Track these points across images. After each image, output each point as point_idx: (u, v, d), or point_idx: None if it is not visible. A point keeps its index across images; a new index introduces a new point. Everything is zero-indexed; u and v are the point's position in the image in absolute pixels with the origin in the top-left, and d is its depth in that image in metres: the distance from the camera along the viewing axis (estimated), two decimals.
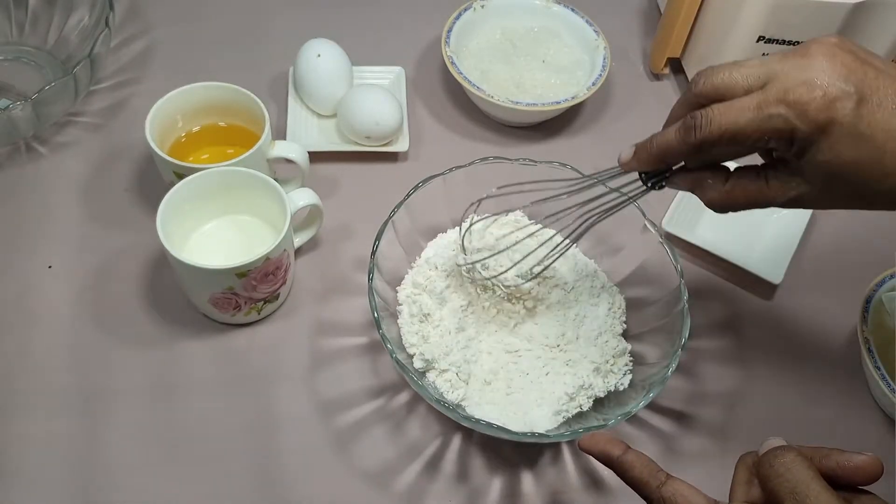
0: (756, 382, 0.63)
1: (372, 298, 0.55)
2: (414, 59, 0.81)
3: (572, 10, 0.79)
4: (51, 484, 0.55)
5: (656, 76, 0.82)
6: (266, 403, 0.59)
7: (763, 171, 0.45)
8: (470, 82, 0.72)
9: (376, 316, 0.54)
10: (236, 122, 0.67)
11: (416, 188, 0.60)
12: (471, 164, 0.62)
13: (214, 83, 0.65)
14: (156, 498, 0.55)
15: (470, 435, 0.59)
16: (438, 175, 0.61)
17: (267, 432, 0.58)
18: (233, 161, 0.61)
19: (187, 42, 0.80)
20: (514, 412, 0.56)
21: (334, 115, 0.73)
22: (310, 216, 0.64)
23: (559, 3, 0.80)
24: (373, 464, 0.57)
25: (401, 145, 0.72)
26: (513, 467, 0.58)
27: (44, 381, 0.59)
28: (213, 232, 0.62)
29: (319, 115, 0.74)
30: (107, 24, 0.69)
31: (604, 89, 0.78)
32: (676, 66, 0.82)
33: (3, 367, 0.59)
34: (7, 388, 0.58)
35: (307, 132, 0.73)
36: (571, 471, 0.58)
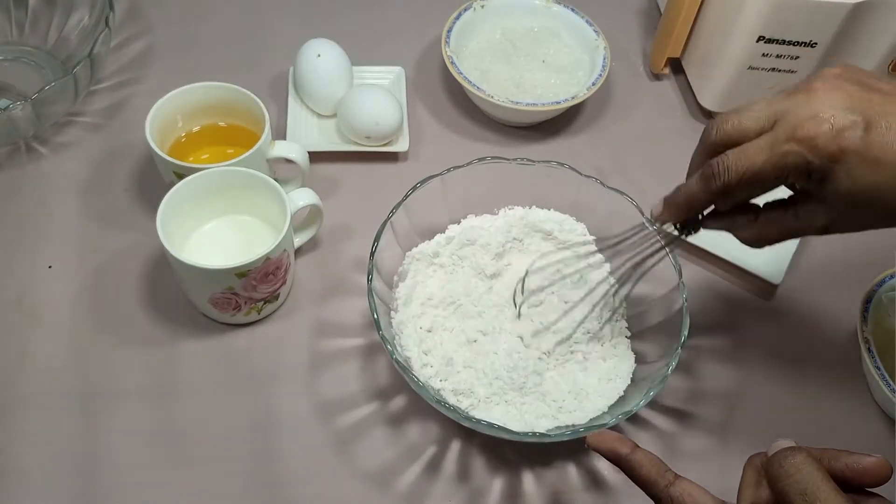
0: (756, 382, 0.63)
1: (371, 300, 0.55)
2: (414, 59, 0.81)
3: (572, 10, 0.79)
4: (51, 484, 0.55)
5: (656, 76, 0.82)
6: (266, 403, 0.59)
7: (791, 204, 0.47)
8: (470, 82, 0.72)
9: (376, 317, 0.54)
10: (236, 122, 0.67)
11: (414, 189, 0.60)
12: (469, 164, 0.62)
13: (214, 83, 0.65)
14: (156, 498, 0.55)
15: (470, 435, 0.59)
16: (437, 175, 0.61)
17: (267, 432, 0.58)
18: (233, 161, 0.61)
19: (187, 42, 0.80)
20: (514, 412, 0.56)
21: (334, 115, 0.73)
22: (310, 216, 0.64)
23: (559, 3, 0.80)
24: (373, 464, 0.57)
25: (401, 145, 0.72)
26: (514, 467, 0.58)
27: (44, 381, 0.59)
28: (213, 232, 0.62)
29: (319, 115, 0.74)
30: (107, 24, 0.69)
31: (604, 89, 0.78)
32: (676, 66, 0.82)
33: (3, 367, 0.59)
34: (7, 388, 0.58)
35: (307, 132, 0.73)
36: (572, 471, 0.58)
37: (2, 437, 0.56)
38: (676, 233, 0.52)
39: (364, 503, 0.56)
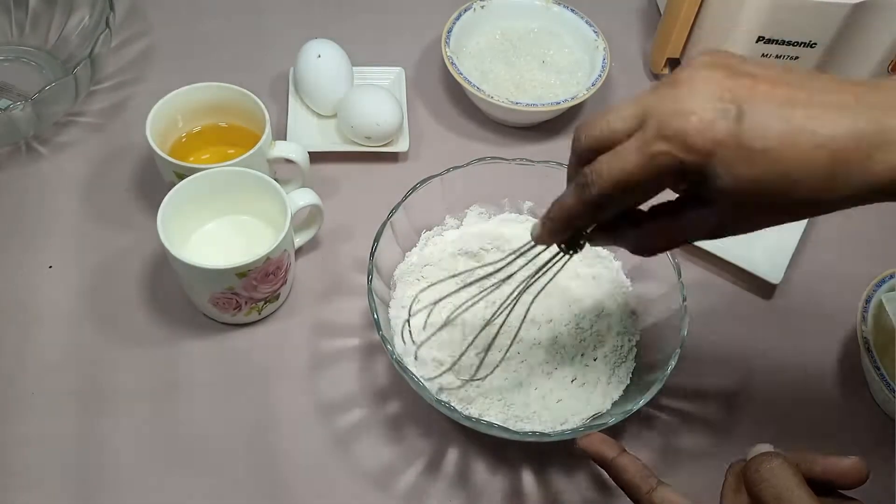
0: (756, 382, 0.63)
1: (371, 300, 0.55)
2: (414, 59, 0.81)
3: (572, 10, 0.79)
4: (51, 484, 0.55)
5: (656, 76, 0.82)
6: (266, 403, 0.59)
7: (678, 208, 0.43)
8: (470, 83, 0.72)
9: (376, 318, 0.54)
10: (237, 123, 0.67)
11: (413, 189, 0.60)
12: (468, 164, 0.62)
13: (215, 83, 0.65)
14: (156, 497, 0.55)
15: (470, 435, 0.59)
16: (436, 176, 0.61)
17: (267, 432, 0.58)
18: (233, 161, 0.61)
19: (188, 42, 0.80)
20: (515, 411, 0.56)
21: (335, 116, 0.73)
22: (310, 216, 0.64)
23: (559, 4, 0.80)
24: (373, 464, 0.57)
25: (401, 145, 0.72)
26: (514, 467, 0.58)
27: (44, 381, 0.59)
28: (213, 232, 0.62)
29: (320, 116, 0.74)
30: (107, 25, 0.70)
31: (603, 90, 0.78)
32: (676, 67, 0.82)
33: (3, 367, 0.59)
34: (7, 388, 0.58)
35: (307, 132, 0.73)
36: (574, 470, 0.58)
37: (2, 437, 0.56)
38: (561, 253, 0.48)
39: (364, 503, 0.56)
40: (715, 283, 0.68)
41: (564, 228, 0.45)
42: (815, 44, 0.70)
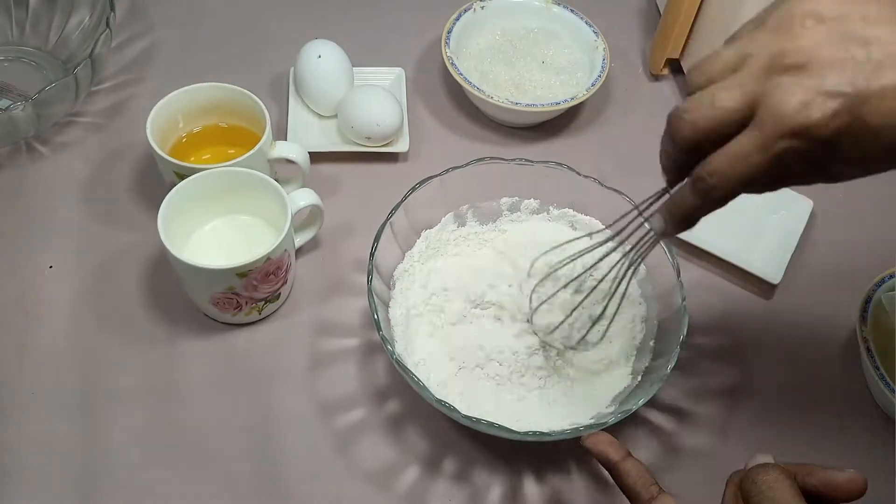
0: (756, 382, 0.63)
1: (371, 300, 0.55)
2: (414, 59, 0.81)
3: (572, 10, 0.79)
4: (51, 484, 0.55)
5: (655, 77, 0.82)
6: (266, 403, 0.59)
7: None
8: (470, 83, 0.72)
9: (376, 318, 0.54)
10: (237, 123, 0.67)
11: (413, 190, 0.60)
12: (467, 164, 0.62)
13: (215, 84, 0.65)
14: (155, 497, 0.55)
15: (471, 435, 0.59)
16: (436, 176, 0.61)
17: (267, 432, 0.58)
18: (234, 161, 0.61)
19: (188, 42, 0.80)
20: (514, 410, 0.56)
21: (335, 116, 0.73)
22: (310, 216, 0.64)
23: (559, 4, 0.80)
24: (373, 464, 0.57)
25: (401, 146, 0.72)
26: (514, 467, 0.58)
27: (44, 381, 0.59)
28: (213, 232, 0.62)
29: (320, 116, 0.74)
30: (107, 25, 0.70)
31: (603, 90, 0.78)
32: (676, 67, 0.82)
33: (3, 367, 0.59)
34: (7, 388, 0.58)
35: (308, 133, 0.73)
36: (574, 470, 0.58)
37: (2, 437, 0.56)
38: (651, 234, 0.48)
39: (364, 502, 0.56)
40: (715, 283, 0.68)
41: (688, 224, 0.44)
42: None
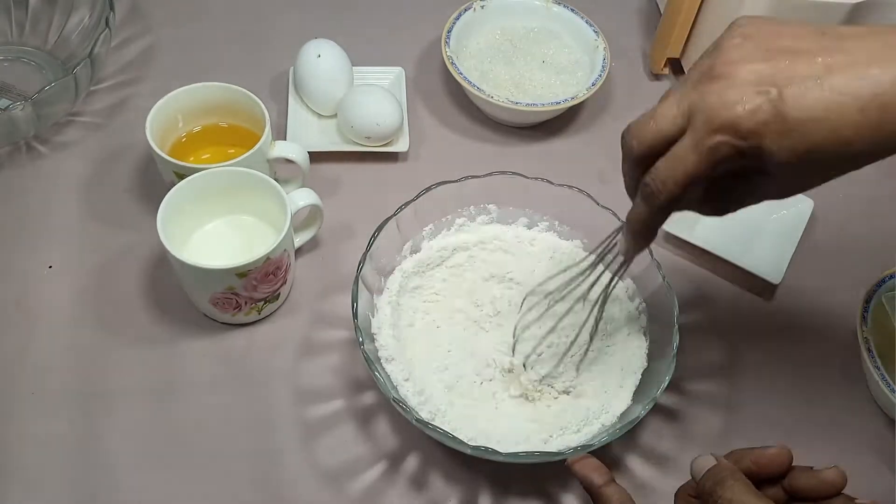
0: (756, 382, 0.63)
1: (355, 289, 0.55)
2: (414, 59, 0.81)
3: (572, 10, 0.79)
4: (51, 484, 0.55)
5: (656, 76, 0.82)
6: (266, 403, 0.59)
7: (742, 175, 0.44)
8: (470, 83, 0.72)
9: (355, 308, 0.54)
10: (237, 123, 0.67)
11: (427, 190, 0.60)
12: (488, 175, 0.62)
13: (215, 83, 0.65)
14: (156, 497, 0.55)
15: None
16: (452, 182, 0.61)
17: (267, 432, 0.58)
18: (233, 161, 0.61)
19: (188, 42, 0.80)
20: (503, 426, 0.56)
21: (335, 116, 0.73)
22: (310, 216, 0.64)
23: (559, 4, 0.80)
24: (374, 463, 0.57)
25: (401, 145, 0.72)
26: (508, 485, 0.58)
27: (44, 381, 0.59)
28: (213, 232, 0.62)
29: (320, 116, 0.74)
30: (107, 25, 0.70)
31: (603, 89, 0.78)
32: (676, 67, 0.82)
33: (3, 367, 0.59)
34: (7, 388, 0.58)
35: (307, 132, 0.73)
36: (532, 486, 0.57)
37: (2, 437, 0.56)
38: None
39: (364, 503, 0.56)
40: (715, 283, 0.68)
41: (648, 235, 0.48)
42: None
